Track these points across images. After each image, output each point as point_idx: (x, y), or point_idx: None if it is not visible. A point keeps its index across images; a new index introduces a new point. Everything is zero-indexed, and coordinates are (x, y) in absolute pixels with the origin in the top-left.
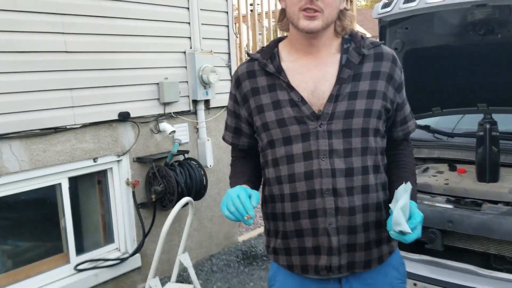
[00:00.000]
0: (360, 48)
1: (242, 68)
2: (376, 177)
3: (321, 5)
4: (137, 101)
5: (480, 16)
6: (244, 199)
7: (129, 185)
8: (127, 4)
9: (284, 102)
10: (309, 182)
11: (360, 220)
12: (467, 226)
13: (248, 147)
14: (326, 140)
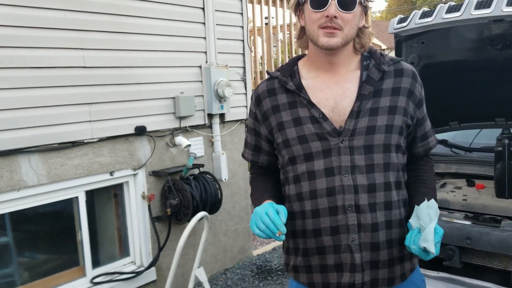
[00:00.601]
0: (380, 64)
1: (262, 86)
2: (398, 193)
3: (341, 23)
4: (153, 115)
5: (497, 31)
6: (273, 216)
7: (145, 199)
8: (144, 20)
9: (305, 119)
10: (331, 198)
11: (384, 237)
12: (486, 243)
13: (267, 164)
14: (348, 156)
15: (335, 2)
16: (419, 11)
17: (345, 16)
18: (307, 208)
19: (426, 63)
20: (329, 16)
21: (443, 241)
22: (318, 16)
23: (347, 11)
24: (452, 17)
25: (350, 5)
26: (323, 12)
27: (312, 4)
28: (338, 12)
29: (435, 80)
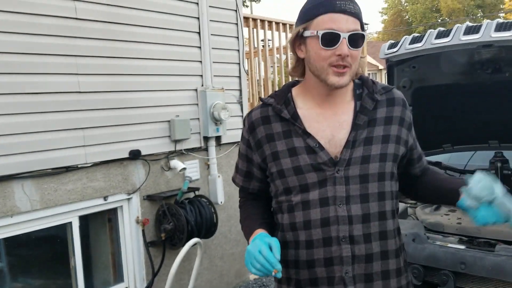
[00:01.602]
0: (373, 93)
1: (256, 113)
2: (393, 222)
3: (350, 60)
4: (148, 138)
5: (486, 56)
6: (267, 254)
7: (139, 224)
8: (140, 44)
9: (300, 149)
10: (326, 229)
11: (378, 268)
12: (480, 268)
13: (258, 190)
14: (343, 186)
15: (346, 41)
16: (409, 36)
17: (354, 53)
18: (300, 239)
19: (418, 87)
20: (342, 55)
21: (438, 266)
22: (328, 54)
23: (356, 48)
24: (442, 42)
25: (358, 42)
26: (334, 50)
27: (323, 41)
28: (349, 50)
29: (428, 103)
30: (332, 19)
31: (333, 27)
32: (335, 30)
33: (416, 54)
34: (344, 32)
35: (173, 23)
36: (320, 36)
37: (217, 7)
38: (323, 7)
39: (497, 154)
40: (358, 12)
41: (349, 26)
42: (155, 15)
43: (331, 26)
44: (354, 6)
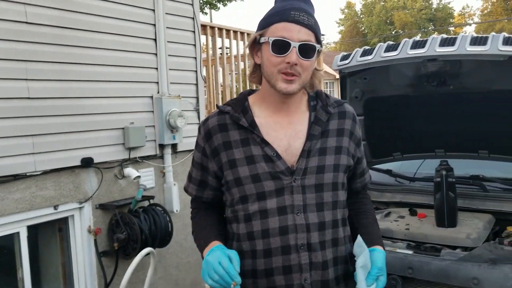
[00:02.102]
0: (327, 106)
1: (212, 121)
2: (344, 229)
3: (300, 70)
4: (101, 146)
5: (432, 69)
6: (227, 266)
7: (91, 233)
8: (94, 50)
9: (258, 157)
10: (284, 237)
11: (333, 274)
12: (427, 272)
13: (211, 199)
14: (300, 195)
15: (296, 50)
16: (360, 49)
17: (304, 63)
18: (258, 248)
19: (369, 98)
20: (290, 62)
21: (387, 271)
22: (278, 61)
23: (307, 58)
24: (390, 55)
25: (309, 53)
26: (283, 57)
27: (274, 48)
28: (299, 59)
29: (378, 113)
30: (285, 28)
31: (284, 35)
32: (286, 39)
33: (367, 66)
34: (295, 41)
35: (129, 29)
36: (271, 42)
37: (174, 14)
38: (278, 16)
39: (442, 163)
40: (313, 25)
41: (300, 36)
42: (110, 21)
43: (282, 34)
44: (308, 18)
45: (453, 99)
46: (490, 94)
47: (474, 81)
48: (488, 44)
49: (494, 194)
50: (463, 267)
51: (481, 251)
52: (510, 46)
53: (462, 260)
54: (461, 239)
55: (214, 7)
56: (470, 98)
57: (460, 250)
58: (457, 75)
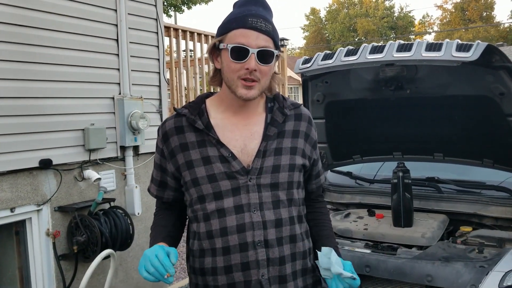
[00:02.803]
0: (283, 108)
1: (169, 123)
2: (300, 226)
3: (259, 75)
4: (61, 147)
5: (390, 74)
6: (163, 258)
7: (50, 236)
8: (54, 50)
9: (214, 158)
10: (242, 235)
11: (290, 269)
12: (383, 270)
13: (172, 200)
14: (256, 194)
15: (255, 56)
16: (322, 53)
17: (263, 69)
18: (217, 246)
19: (330, 101)
20: (250, 69)
21: None
22: (238, 67)
23: (265, 64)
24: (350, 60)
25: (268, 59)
26: (243, 64)
27: (233, 55)
28: (258, 65)
29: (339, 117)
30: (243, 34)
31: (243, 42)
32: (245, 45)
33: (327, 70)
34: (253, 47)
35: (90, 29)
36: (230, 49)
37: (137, 15)
38: (236, 23)
39: (399, 165)
40: (271, 31)
41: (259, 42)
42: (70, 20)
43: (241, 41)
44: (266, 25)
45: (410, 103)
46: (445, 98)
47: (430, 86)
48: (442, 50)
49: (448, 196)
50: (417, 264)
51: (435, 249)
52: (463, 53)
53: (417, 258)
54: (416, 238)
55: (179, 10)
56: (426, 103)
57: (415, 249)
58: (414, 80)
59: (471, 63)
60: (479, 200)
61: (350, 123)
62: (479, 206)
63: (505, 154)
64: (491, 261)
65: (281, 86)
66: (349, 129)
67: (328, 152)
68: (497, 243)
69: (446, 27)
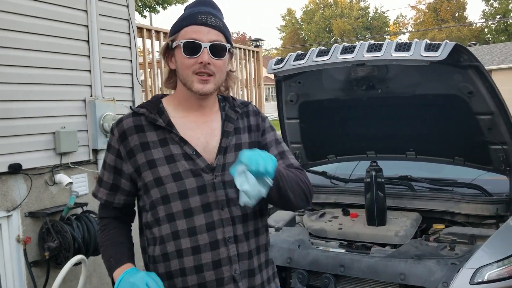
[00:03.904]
0: (234, 107)
1: (127, 122)
2: (262, 219)
3: (213, 68)
4: (31, 151)
5: (361, 74)
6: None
7: (20, 242)
8: (22, 51)
9: (178, 156)
10: (211, 233)
11: (257, 263)
12: (357, 269)
13: (123, 205)
14: (223, 191)
15: (207, 50)
16: (294, 53)
17: (217, 63)
18: (184, 246)
19: (304, 101)
20: (203, 62)
21: (320, 270)
22: (191, 62)
23: (219, 58)
24: (322, 60)
25: (221, 52)
26: (196, 58)
27: (186, 50)
28: (211, 59)
29: (313, 117)
30: (194, 30)
31: (194, 37)
32: (196, 40)
33: (300, 71)
34: (205, 42)
35: (60, 31)
36: (182, 45)
37: (108, 16)
38: (187, 21)
39: (372, 164)
40: (221, 26)
41: (210, 37)
42: (39, 21)
43: (192, 36)
44: (216, 20)
45: (382, 102)
46: (416, 98)
47: (400, 86)
48: (411, 50)
49: (421, 194)
50: (390, 263)
51: (408, 247)
52: (431, 52)
53: (390, 256)
54: (389, 236)
55: (154, 10)
56: (397, 102)
57: (389, 248)
58: (384, 80)
59: (440, 62)
60: (451, 197)
61: (324, 123)
62: (451, 204)
63: (475, 152)
64: (462, 258)
65: (258, 86)
66: (323, 129)
67: (303, 152)
68: (468, 240)
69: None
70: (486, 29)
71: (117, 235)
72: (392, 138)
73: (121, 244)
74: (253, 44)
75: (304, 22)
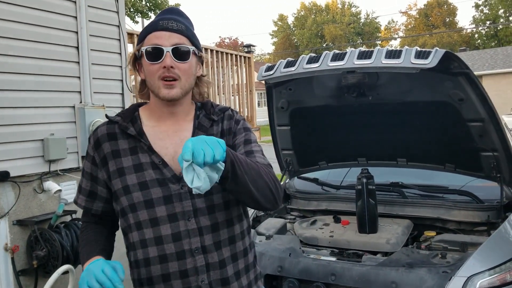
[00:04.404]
0: (210, 114)
1: (102, 129)
2: (241, 225)
3: (178, 72)
4: (19, 159)
5: (352, 81)
6: (110, 273)
7: (8, 251)
8: (11, 58)
9: (146, 165)
10: (178, 243)
11: (232, 271)
12: (348, 278)
13: (102, 212)
14: (189, 201)
15: (170, 54)
16: (284, 60)
17: (181, 66)
18: (151, 255)
19: (295, 108)
20: (166, 66)
21: (311, 279)
22: (156, 68)
23: (182, 61)
24: (312, 67)
25: (184, 56)
26: (160, 63)
27: (149, 57)
28: (174, 62)
29: (304, 123)
30: (156, 36)
31: (156, 42)
32: (158, 45)
33: (290, 77)
34: (167, 46)
35: (49, 37)
36: (145, 52)
37: (98, 22)
38: (149, 28)
39: (363, 171)
40: (183, 30)
41: (172, 41)
42: (27, 27)
43: (154, 42)
44: (178, 24)
45: (373, 109)
46: (406, 105)
47: (391, 93)
48: (401, 57)
49: (412, 200)
50: (382, 271)
51: (399, 255)
52: (421, 60)
53: (381, 265)
54: (381, 244)
55: (145, 16)
56: (388, 109)
57: (380, 255)
58: (375, 87)
59: (430, 70)
60: (442, 204)
61: (315, 129)
62: (443, 211)
63: (466, 159)
64: (454, 266)
65: (249, 92)
66: (315, 136)
67: (294, 158)
68: (460, 247)
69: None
70: (476, 35)
71: (92, 235)
72: (383, 145)
73: (94, 241)
74: (245, 50)
75: (296, 27)
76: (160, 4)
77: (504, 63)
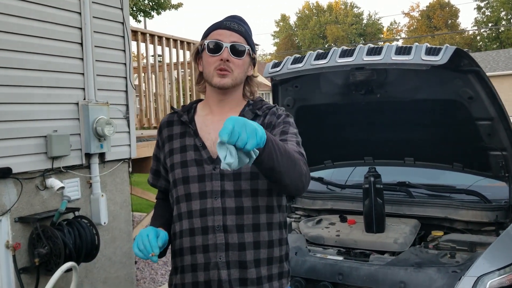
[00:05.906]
0: (255, 109)
1: (164, 118)
2: (269, 216)
3: (232, 66)
4: (21, 155)
5: (360, 78)
6: (152, 238)
7: (9, 248)
8: (14, 53)
9: (189, 147)
10: (203, 219)
11: (251, 256)
12: (356, 278)
13: (164, 189)
14: (219, 182)
15: (228, 49)
16: (291, 57)
17: (236, 61)
18: (184, 227)
19: (301, 106)
20: (223, 59)
21: (318, 278)
22: (214, 60)
23: (237, 57)
24: (320, 63)
25: (240, 53)
26: (218, 56)
27: (209, 49)
28: (230, 57)
29: (310, 121)
30: (218, 33)
31: (217, 38)
32: (219, 40)
33: (297, 74)
34: (227, 42)
35: (52, 33)
36: (206, 45)
37: (102, 18)
38: (213, 26)
39: (370, 170)
40: (243, 31)
41: (231, 38)
42: (31, 23)
43: (216, 37)
44: (239, 26)
45: (380, 107)
46: (415, 103)
47: (400, 90)
48: (412, 53)
49: (419, 200)
50: (390, 271)
51: (407, 255)
52: (432, 56)
53: (389, 264)
54: (388, 244)
55: (148, 15)
56: (396, 107)
57: (388, 255)
58: (384, 84)
59: (440, 66)
60: (450, 204)
61: (320, 128)
62: (450, 210)
63: (474, 158)
64: (463, 266)
65: None
66: (320, 134)
67: None
68: (468, 247)
69: (413, 34)
70: (478, 37)
71: (160, 210)
72: (390, 143)
73: (161, 216)
74: None
75: (298, 28)
76: (162, 3)
77: (506, 65)
